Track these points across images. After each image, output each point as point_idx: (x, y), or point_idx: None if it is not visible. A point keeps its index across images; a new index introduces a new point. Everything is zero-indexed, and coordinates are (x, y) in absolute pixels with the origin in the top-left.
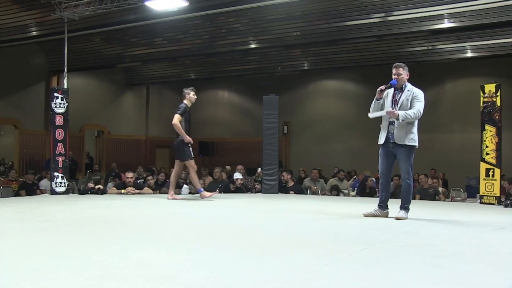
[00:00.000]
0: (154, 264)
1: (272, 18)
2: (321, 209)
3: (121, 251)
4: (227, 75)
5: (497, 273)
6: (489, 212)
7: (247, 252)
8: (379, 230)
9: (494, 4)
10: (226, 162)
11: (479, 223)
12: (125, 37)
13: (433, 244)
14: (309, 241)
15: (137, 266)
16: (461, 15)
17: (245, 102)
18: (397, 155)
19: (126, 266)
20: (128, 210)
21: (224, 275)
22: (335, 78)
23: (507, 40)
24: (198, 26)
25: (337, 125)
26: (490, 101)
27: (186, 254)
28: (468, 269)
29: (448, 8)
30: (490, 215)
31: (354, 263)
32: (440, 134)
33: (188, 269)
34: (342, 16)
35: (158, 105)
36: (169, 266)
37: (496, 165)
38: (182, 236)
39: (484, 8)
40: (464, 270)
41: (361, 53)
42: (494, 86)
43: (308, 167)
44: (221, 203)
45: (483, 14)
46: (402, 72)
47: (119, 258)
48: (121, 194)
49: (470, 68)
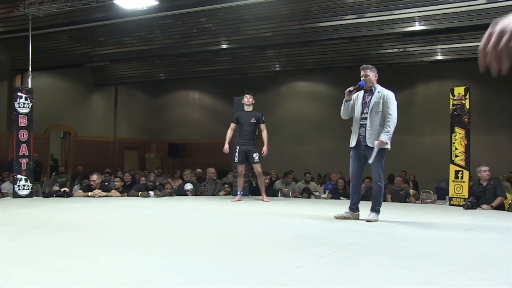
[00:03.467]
0: (127, 268)
1: (244, 18)
2: (292, 212)
3: (91, 255)
4: (198, 75)
5: (466, 273)
6: (458, 213)
7: (219, 255)
8: (350, 232)
9: (464, 8)
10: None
11: (449, 225)
12: (93, 36)
13: (404, 246)
14: (280, 243)
15: (109, 270)
16: (432, 18)
17: (217, 103)
18: (368, 157)
19: (97, 271)
20: (96, 213)
21: (197, 278)
22: (307, 79)
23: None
24: (168, 26)
25: (308, 126)
26: (459, 103)
27: (159, 258)
28: (438, 270)
29: (419, 11)
30: (459, 216)
31: (325, 265)
32: (411, 136)
33: (162, 273)
34: (314, 17)
35: (127, 106)
36: (142, 270)
37: (465, 167)
38: (155, 239)
39: (454, 12)
40: (434, 271)
41: (333, 55)
42: (463, 88)
43: (280, 169)
44: (193, 206)
45: (453, 17)
46: (370, 73)
47: (89, 262)
48: (88, 197)
49: (441, 70)
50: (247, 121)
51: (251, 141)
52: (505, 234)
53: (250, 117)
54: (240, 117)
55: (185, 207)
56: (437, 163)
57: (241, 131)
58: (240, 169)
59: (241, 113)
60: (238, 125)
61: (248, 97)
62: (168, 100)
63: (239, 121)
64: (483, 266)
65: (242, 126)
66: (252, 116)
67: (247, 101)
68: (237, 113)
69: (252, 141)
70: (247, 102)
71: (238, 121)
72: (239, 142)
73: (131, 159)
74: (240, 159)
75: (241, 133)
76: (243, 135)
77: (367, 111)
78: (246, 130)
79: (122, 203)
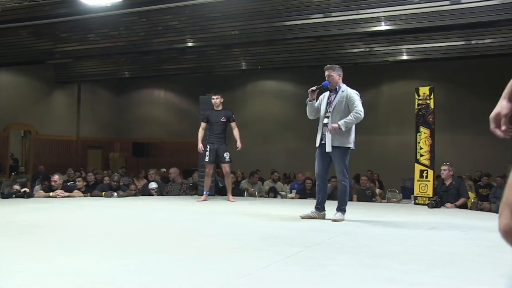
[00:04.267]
0: (88, 270)
1: (210, 16)
2: (258, 211)
3: (52, 257)
4: (164, 73)
5: (429, 271)
6: (422, 212)
7: (184, 256)
8: (316, 232)
9: (429, 9)
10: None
11: (413, 224)
12: (56, 32)
13: (370, 245)
14: (246, 244)
15: (70, 272)
16: (397, 18)
17: (182, 101)
18: (332, 156)
19: (59, 273)
20: (57, 214)
21: (161, 279)
22: (273, 78)
23: (440, 44)
24: (133, 23)
25: (275, 126)
26: (424, 103)
27: (122, 259)
28: (403, 269)
29: (384, 11)
30: (424, 215)
31: (291, 265)
32: (377, 136)
33: (125, 274)
34: (281, 16)
35: (91, 104)
36: (104, 271)
37: (430, 167)
38: (118, 240)
39: (419, 12)
40: (399, 269)
41: (300, 54)
42: (428, 88)
43: (246, 168)
44: (157, 206)
45: (418, 18)
46: (333, 73)
47: (51, 264)
48: (50, 197)
49: (406, 70)
50: (217, 120)
51: (221, 140)
52: (468, 232)
53: (220, 116)
54: (210, 116)
55: (149, 207)
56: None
57: (212, 130)
58: (208, 169)
59: (211, 112)
60: (208, 124)
61: (215, 98)
62: (132, 98)
63: (209, 120)
64: (446, 264)
65: (213, 125)
66: (222, 115)
67: (214, 102)
68: (207, 112)
69: (223, 140)
70: (214, 103)
71: (208, 120)
72: (209, 141)
73: (95, 159)
74: (211, 158)
75: (212, 132)
76: (213, 133)
77: (330, 110)
78: (217, 129)
79: (85, 204)
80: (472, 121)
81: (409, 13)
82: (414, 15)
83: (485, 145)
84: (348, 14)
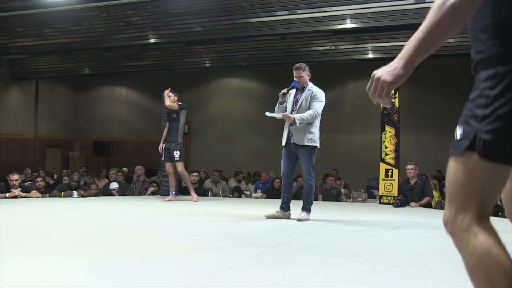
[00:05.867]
0: (45, 273)
1: (173, 12)
2: (223, 211)
3: (6, 259)
4: (125, 70)
5: (392, 270)
6: (387, 212)
7: (144, 257)
8: (281, 231)
9: (394, 8)
10: (123, 162)
11: (378, 223)
12: (11, 26)
13: (334, 244)
14: (210, 244)
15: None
16: (363, 16)
17: (144, 99)
18: (298, 156)
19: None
20: (14, 215)
21: (121, 280)
22: (237, 76)
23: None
24: (93, 18)
25: (239, 124)
26: None
27: (81, 261)
28: (366, 268)
29: (350, 9)
30: (388, 215)
31: (255, 265)
32: (341, 135)
33: (83, 276)
34: (245, 12)
35: (49, 102)
36: (62, 274)
37: (395, 166)
38: (76, 242)
39: (384, 11)
40: (363, 268)
41: (264, 51)
42: None
43: (210, 167)
44: (118, 206)
45: (383, 16)
46: (303, 74)
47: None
48: (6, 198)
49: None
50: (171, 117)
51: (173, 138)
52: (431, 231)
53: (172, 113)
54: (168, 114)
55: (110, 208)
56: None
57: (169, 128)
58: (167, 167)
59: (168, 110)
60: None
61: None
62: (93, 96)
63: (168, 119)
64: (409, 262)
65: (170, 123)
66: (174, 111)
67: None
68: (166, 110)
69: (175, 138)
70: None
71: (167, 118)
72: (166, 140)
73: (54, 158)
74: (165, 157)
75: (169, 130)
76: (168, 132)
77: (296, 109)
78: (171, 127)
79: (43, 204)
80: (436, 120)
81: (374, 11)
82: (379, 13)
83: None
84: (313, 11)
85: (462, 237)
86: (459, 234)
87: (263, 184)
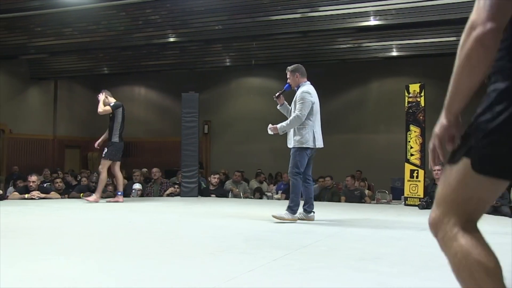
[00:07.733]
0: (62, 274)
1: (192, 10)
2: (243, 213)
3: (22, 262)
4: (144, 70)
5: (418, 274)
6: (412, 213)
7: (165, 260)
8: (303, 234)
9: (419, 4)
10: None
11: (403, 225)
12: (30, 26)
13: (358, 247)
14: (231, 246)
15: (41, 278)
16: (387, 13)
17: (163, 99)
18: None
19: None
20: (32, 217)
21: (141, 283)
22: (258, 75)
23: (431, 40)
24: (112, 17)
25: (260, 124)
26: (414, 101)
27: (99, 263)
28: (391, 272)
29: (373, 5)
30: (414, 216)
31: (277, 268)
32: (365, 135)
33: (102, 280)
34: (266, 10)
35: (68, 102)
36: (79, 276)
37: (420, 166)
38: (95, 244)
39: (409, 7)
40: (387, 272)
41: (286, 50)
42: (418, 86)
43: (230, 168)
44: (138, 208)
45: (408, 13)
46: (290, 75)
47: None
48: (25, 199)
49: (396, 67)
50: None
51: (110, 137)
52: None
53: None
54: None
55: (129, 209)
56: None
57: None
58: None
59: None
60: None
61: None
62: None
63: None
64: (436, 267)
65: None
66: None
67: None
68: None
69: (111, 136)
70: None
71: None
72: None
73: (72, 158)
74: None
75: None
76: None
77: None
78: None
79: (62, 206)
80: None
81: (399, 8)
82: (404, 9)
83: None
84: (335, 8)
85: (445, 239)
86: (443, 236)
87: (285, 185)
